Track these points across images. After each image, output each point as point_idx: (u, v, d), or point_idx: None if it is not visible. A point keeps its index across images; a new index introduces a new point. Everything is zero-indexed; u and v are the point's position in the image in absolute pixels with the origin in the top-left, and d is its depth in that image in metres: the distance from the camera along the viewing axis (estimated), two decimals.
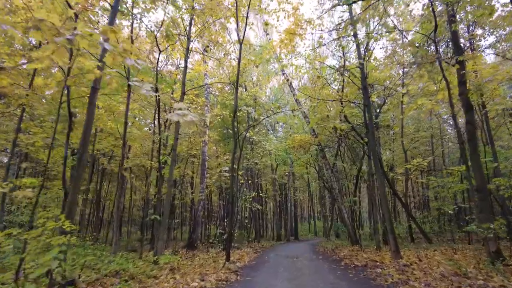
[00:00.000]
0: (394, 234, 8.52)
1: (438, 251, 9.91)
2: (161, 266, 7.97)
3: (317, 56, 13.60)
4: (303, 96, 15.31)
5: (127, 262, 7.96)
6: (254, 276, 7.10)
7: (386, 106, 16.12)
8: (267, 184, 30.68)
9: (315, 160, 18.36)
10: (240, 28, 9.99)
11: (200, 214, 15.03)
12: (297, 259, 10.21)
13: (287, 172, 25.78)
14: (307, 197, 39.92)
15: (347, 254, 10.40)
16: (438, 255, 8.80)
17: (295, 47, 12.54)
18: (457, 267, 6.02)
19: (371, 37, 9.35)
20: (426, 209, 23.89)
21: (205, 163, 15.45)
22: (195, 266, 8.72)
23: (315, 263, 9.27)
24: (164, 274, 6.90)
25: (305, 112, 15.45)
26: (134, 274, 6.76)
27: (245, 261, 9.61)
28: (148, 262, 8.47)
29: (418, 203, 28.13)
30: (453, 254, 8.95)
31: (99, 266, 6.93)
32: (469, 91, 7.67)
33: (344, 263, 8.59)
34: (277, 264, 9.17)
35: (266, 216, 33.85)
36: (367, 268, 7.46)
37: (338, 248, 13.05)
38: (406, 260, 7.96)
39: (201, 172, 15.39)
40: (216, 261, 9.59)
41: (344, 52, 12.00)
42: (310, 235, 34.05)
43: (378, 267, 7.23)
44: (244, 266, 8.58)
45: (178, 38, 12.18)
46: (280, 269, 8.07)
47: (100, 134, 16.98)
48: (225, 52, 12.14)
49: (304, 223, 42.73)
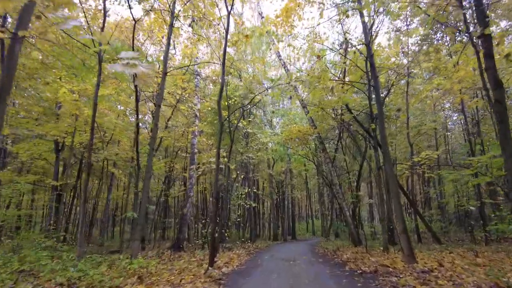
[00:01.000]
0: (407, 234, 7.27)
1: (454, 254, 8.69)
2: (131, 272, 6.67)
3: (317, 38, 12.34)
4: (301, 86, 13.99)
5: (90, 268, 6.66)
6: (241, 286, 5.83)
7: (391, 96, 14.95)
8: (264, 182, 29.42)
9: (314, 154, 17.11)
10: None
11: (188, 212, 13.69)
12: (294, 263, 8.93)
13: (284, 168, 24.52)
14: (305, 195, 38.76)
15: (350, 256, 9.13)
16: (458, 259, 7.56)
17: (293, 25, 11.27)
18: (496, 277, 4.75)
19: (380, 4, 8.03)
20: (428, 207, 22.75)
21: (194, 156, 14.13)
22: (174, 272, 7.43)
23: (314, 267, 8.00)
24: (129, 284, 5.60)
25: (302, 99, 14.17)
26: (91, 284, 5.46)
27: (234, 265, 8.33)
28: (119, 267, 7.18)
29: (420, 201, 27.03)
30: (475, 257, 7.72)
31: (46, 274, 5.62)
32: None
33: (348, 268, 7.32)
34: (271, 268, 7.89)
35: (263, 215, 32.62)
36: (378, 275, 6.19)
37: (339, 249, 11.79)
38: (422, 265, 6.70)
39: (190, 165, 14.06)
40: (201, 265, 8.31)
41: (345, 30, 10.74)
42: (308, 234, 32.85)
43: (392, 275, 5.97)
44: (231, 272, 7.30)
45: (161, 14, 10.91)
46: (274, 276, 6.79)
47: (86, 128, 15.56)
48: (214, 30, 10.83)
49: (302, 222, 41.58)
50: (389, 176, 7.42)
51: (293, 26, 11.47)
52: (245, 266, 8.35)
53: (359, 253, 9.79)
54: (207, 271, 6.44)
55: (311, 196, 38.34)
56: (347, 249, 11.89)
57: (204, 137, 16.68)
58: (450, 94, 15.43)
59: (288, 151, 22.61)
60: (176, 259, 10.51)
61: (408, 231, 14.88)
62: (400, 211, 7.44)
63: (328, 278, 6.43)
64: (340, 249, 11.90)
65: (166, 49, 9.77)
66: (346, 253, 10.19)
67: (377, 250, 10.65)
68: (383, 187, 11.82)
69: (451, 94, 15.33)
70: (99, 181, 21.36)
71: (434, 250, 10.02)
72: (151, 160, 8.98)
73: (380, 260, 7.78)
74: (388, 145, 17.57)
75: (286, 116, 20.40)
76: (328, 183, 15.58)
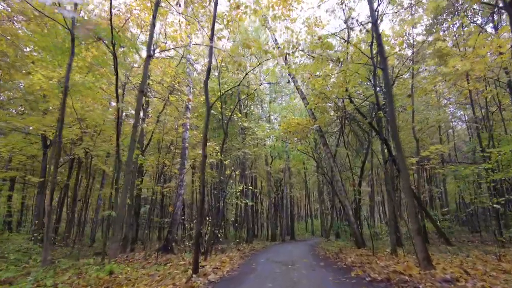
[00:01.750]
0: (422, 235, 6.32)
1: (472, 257, 7.75)
2: (102, 281, 5.70)
3: (318, 22, 11.39)
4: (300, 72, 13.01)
5: (52, 276, 5.68)
6: None
7: (394, 88, 14.02)
8: (263, 181, 28.45)
9: (313, 149, 16.14)
10: None
11: (179, 211, 12.70)
12: (292, 267, 7.98)
13: (283, 166, 23.56)
14: (304, 194, 37.83)
15: (356, 260, 8.17)
16: (478, 263, 6.62)
17: (291, 8, 10.30)
18: None
19: None
20: (431, 206, 21.86)
21: (185, 151, 13.13)
22: (154, 279, 6.46)
23: (316, 273, 7.04)
24: None
25: (302, 91, 13.21)
26: None
27: (225, 270, 7.35)
28: (87, 275, 6.20)
29: (423, 200, 26.14)
30: (498, 261, 6.79)
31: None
32: None
33: (355, 275, 6.36)
34: (266, 274, 6.93)
35: (261, 214, 31.67)
36: (391, 284, 5.23)
37: (342, 251, 10.83)
38: (441, 271, 5.75)
39: (180, 161, 13.05)
40: (187, 270, 7.33)
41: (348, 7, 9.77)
42: (307, 234, 31.91)
43: (409, 284, 5.01)
44: (219, 279, 6.33)
45: None
46: (268, 284, 5.82)
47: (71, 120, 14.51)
48: (205, 12, 9.85)
49: (301, 222, 40.67)
50: (402, 168, 6.46)
51: (292, 9, 10.52)
52: (237, 272, 7.38)
53: (365, 256, 8.84)
54: (190, 280, 5.47)
55: (310, 195, 37.42)
56: (350, 251, 10.94)
57: (197, 131, 15.68)
58: (457, 85, 14.55)
59: (286, 147, 21.66)
60: (163, 263, 9.53)
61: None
62: (414, 209, 6.49)
63: (332, 287, 5.48)
64: (343, 251, 10.95)
65: (151, 30, 8.79)
66: (350, 255, 9.24)
67: (383, 252, 9.71)
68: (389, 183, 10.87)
69: (459, 85, 14.46)
70: (88, 179, 20.32)
71: (447, 253, 9.09)
72: (132, 153, 8.01)
73: (390, 265, 6.82)
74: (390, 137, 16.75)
75: (285, 109, 19.42)
76: (329, 180, 14.62)
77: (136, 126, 7.96)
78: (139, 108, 8.06)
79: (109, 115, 12.98)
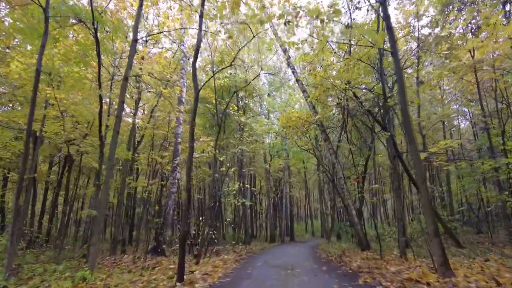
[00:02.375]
0: (440, 238, 5.56)
1: (492, 262, 7.00)
2: None
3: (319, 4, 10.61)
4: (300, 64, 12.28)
5: None
6: None
7: None
8: (262, 180, 27.68)
9: (314, 146, 15.36)
10: None
11: (171, 211, 11.93)
12: (292, 272, 7.22)
13: (282, 165, 22.77)
14: (303, 194, 37.05)
15: (362, 264, 7.41)
16: (505, 270, 5.86)
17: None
18: None
19: None
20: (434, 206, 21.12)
21: (178, 147, 12.35)
22: (136, 287, 5.70)
23: (318, 279, 6.28)
24: None
25: (302, 84, 12.45)
26: None
27: (216, 276, 6.57)
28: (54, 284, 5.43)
29: None
30: None
31: None
32: None
33: (363, 282, 5.59)
34: (261, 281, 6.16)
35: (261, 215, 30.90)
36: None
37: (345, 253, 10.06)
38: (463, 279, 4.99)
39: (173, 157, 12.27)
40: (173, 276, 6.57)
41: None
42: (307, 235, 31.10)
43: None
44: (209, 287, 5.56)
45: None
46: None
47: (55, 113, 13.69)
48: None
49: (300, 223, 39.86)
50: (416, 162, 5.71)
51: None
52: (229, 278, 6.60)
53: (371, 260, 8.08)
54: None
55: (310, 195, 36.63)
56: (354, 253, 10.17)
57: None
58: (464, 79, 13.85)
59: (286, 145, 20.90)
60: (152, 266, 8.77)
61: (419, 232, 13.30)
62: (431, 208, 5.73)
63: None
64: (346, 253, 10.17)
65: (138, 11, 8.04)
66: (355, 259, 8.48)
67: (391, 255, 8.95)
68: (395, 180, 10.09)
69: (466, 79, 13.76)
70: (79, 177, 19.54)
71: (461, 256, 8.34)
72: (115, 146, 7.25)
73: (402, 270, 6.06)
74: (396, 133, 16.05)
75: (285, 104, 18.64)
76: (331, 178, 13.85)
77: (120, 117, 7.19)
78: (123, 96, 7.29)
79: (96, 108, 12.15)
